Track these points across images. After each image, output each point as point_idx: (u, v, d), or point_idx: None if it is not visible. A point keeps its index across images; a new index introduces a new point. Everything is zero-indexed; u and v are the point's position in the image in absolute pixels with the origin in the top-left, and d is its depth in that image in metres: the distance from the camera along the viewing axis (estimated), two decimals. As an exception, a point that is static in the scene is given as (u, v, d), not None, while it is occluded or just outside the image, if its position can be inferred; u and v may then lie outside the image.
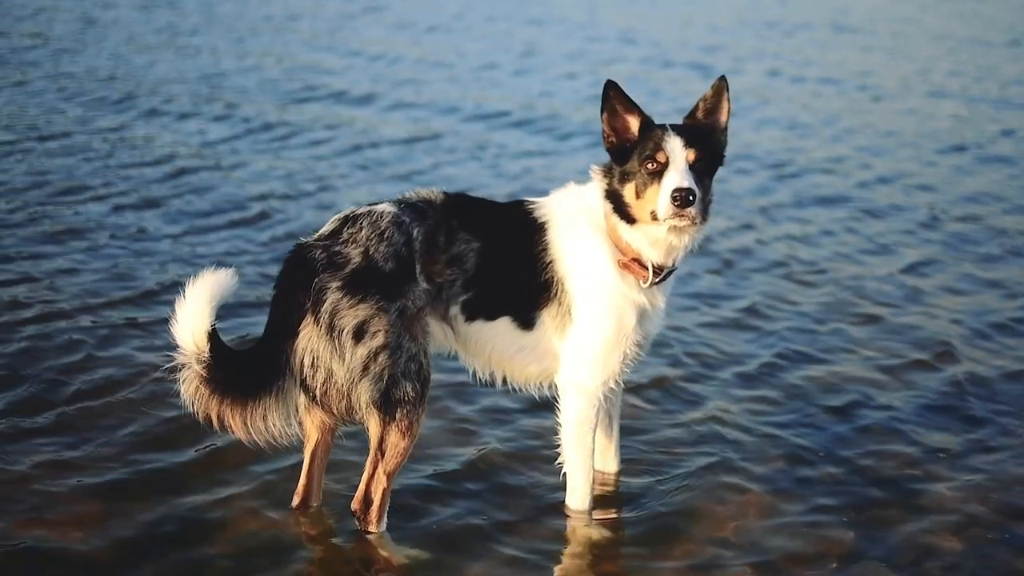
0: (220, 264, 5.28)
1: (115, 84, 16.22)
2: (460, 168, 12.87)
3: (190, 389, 5.05)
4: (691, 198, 5.06)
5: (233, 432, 5.15)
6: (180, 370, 5.05)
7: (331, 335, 5.08)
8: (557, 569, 5.38)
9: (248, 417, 5.11)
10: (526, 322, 5.43)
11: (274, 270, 6.25)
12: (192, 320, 5.00)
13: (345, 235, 5.19)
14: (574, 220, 5.39)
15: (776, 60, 21.86)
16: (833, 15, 30.55)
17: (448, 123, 15.08)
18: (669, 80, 18.83)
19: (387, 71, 19.00)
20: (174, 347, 5.07)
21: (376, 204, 5.33)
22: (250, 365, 5.16)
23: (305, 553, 5.37)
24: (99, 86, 15.94)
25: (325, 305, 5.08)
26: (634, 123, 5.31)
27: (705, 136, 5.30)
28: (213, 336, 5.04)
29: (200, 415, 5.10)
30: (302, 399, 5.24)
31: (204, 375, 5.02)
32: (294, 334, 5.13)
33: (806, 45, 24.43)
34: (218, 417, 5.10)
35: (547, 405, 5.91)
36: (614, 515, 5.81)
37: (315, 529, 5.52)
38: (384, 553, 5.30)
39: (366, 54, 20.54)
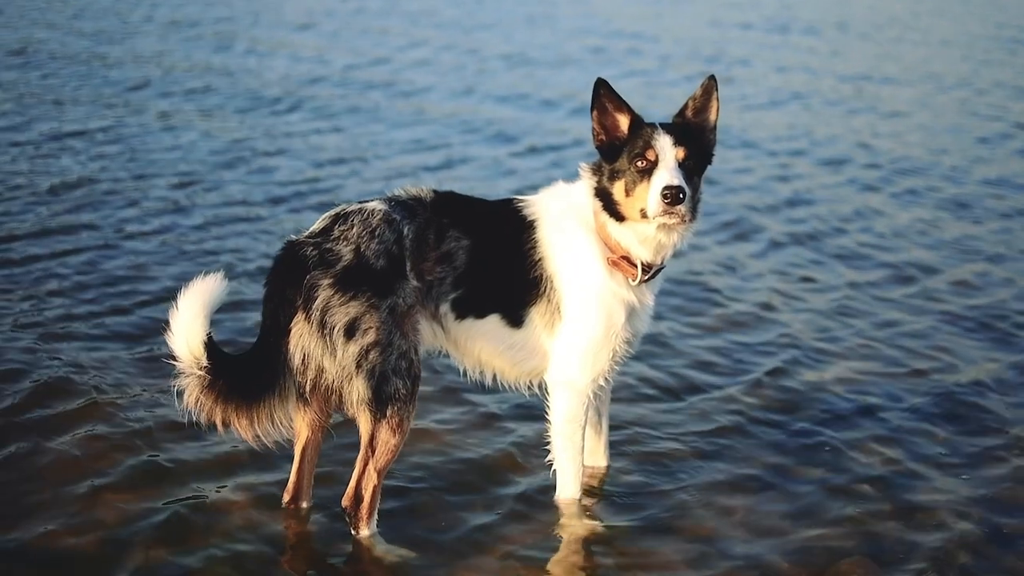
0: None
1: (191, 75, 16.57)
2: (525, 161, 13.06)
3: (191, 398, 5.05)
4: (681, 196, 5.07)
5: (240, 435, 5.18)
6: (179, 379, 5.05)
7: (322, 332, 5.09)
8: (546, 565, 5.38)
9: (255, 420, 5.13)
10: (516, 320, 5.44)
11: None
12: (187, 330, 5.00)
13: (336, 232, 5.20)
14: (563, 218, 5.40)
15: (818, 58, 21.85)
16: (868, 15, 30.50)
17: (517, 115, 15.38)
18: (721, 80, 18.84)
19: (453, 65, 19.27)
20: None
21: (367, 202, 5.34)
22: (250, 368, 5.15)
23: (295, 550, 5.38)
24: (183, 78, 16.27)
25: (316, 302, 5.08)
26: (624, 121, 5.31)
27: (695, 135, 5.31)
28: (210, 344, 5.03)
29: (204, 421, 5.11)
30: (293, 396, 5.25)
31: (204, 383, 5.02)
32: (286, 332, 5.15)
33: (851, 46, 24.37)
34: (223, 422, 5.12)
35: (534, 400, 5.91)
36: (603, 511, 5.82)
37: (305, 526, 5.53)
38: (374, 550, 5.31)
39: (414, 47, 20.79)
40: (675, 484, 6.11)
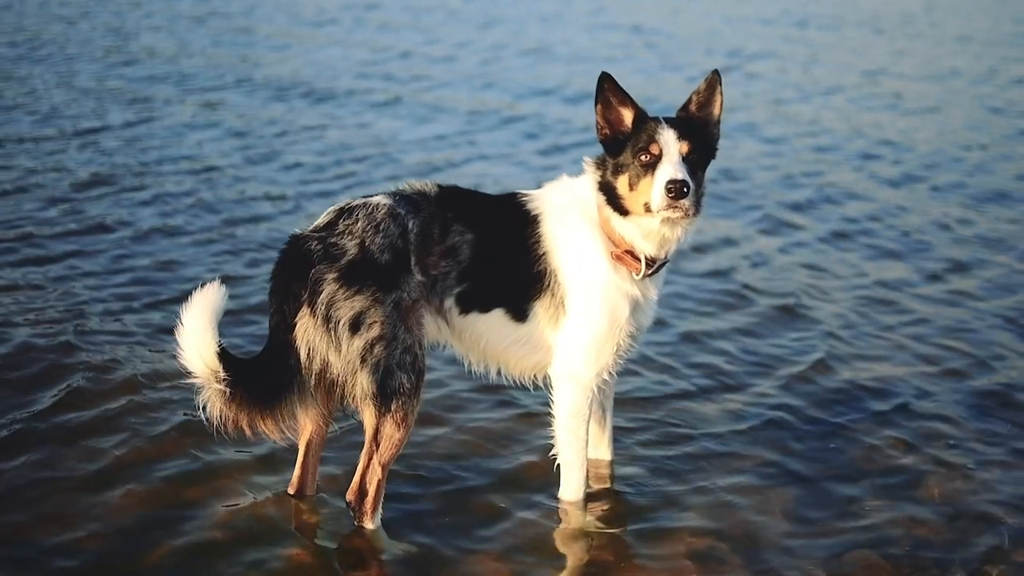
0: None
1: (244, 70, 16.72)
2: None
3: (215, 410, 5.05)
4: (685, 190, 5.06)
5: (269, 437, 5.19)
6: (201, 394, 5.05)
7: (327, 326, 5.09)
8: (550, 560, 5.37)
9: (279, 420, 5.15)
10: (520, 314, 5.44)
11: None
12: (198, 343, 4.98)
13: (341, 227, 5.20)
14: (567, 212, 5.39)
15: (839, 53, 21.75)
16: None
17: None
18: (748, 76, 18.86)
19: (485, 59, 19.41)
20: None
21: (371, 196, 5.35)
22: (267, 370, 5.16)
23: (299, 544, 5.39)
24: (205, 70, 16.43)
25: (322, 296, 5.08)
26: (628, 115, 5.30)
27: (699, 129, 5.29)
28: (223, 353, 5.03)
29: (230, 429, 5.11)
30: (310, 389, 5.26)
31: (226, 395, 5.01)
32: (292, 326, 5.16)
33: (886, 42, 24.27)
34: (250, 427, 5.13)
35: (540, 396, 5.90)
36: (608, 505, 5.81)
37: (309, 520, 5.54)
38: (378, 545, 5.32)
39: (433, 43, 20.97)
40: (689, 479, 6.09)
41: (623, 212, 5.27)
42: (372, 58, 19.15)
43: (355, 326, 5.09)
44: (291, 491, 5.62)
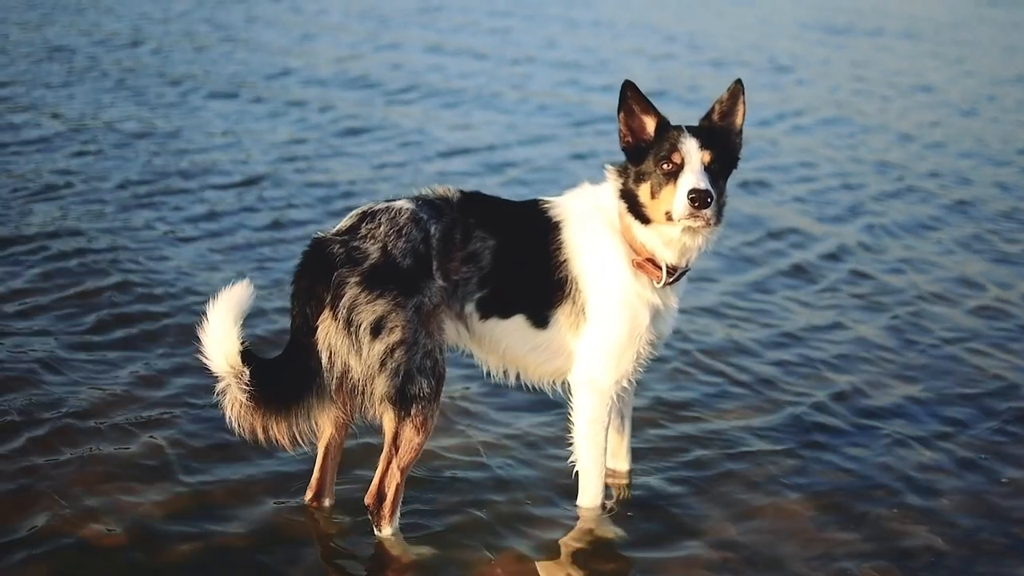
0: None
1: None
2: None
3: (234, 410, 5.07)
4: (708, 200, 5.06)
5: (278, 442, 5.19)
6: (223, 394, 5.07)
7: (349, 330, 5.11)
8: (569, 568, 5.37)
9: (293, 424, 5.17)
10: (540, 320, 5.45)
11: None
12: (223, 342, 5.01)
13: (364, 230, 5.22)
14: (588, 219, 5.41)
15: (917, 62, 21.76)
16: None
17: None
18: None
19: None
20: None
21: (394, 200, 5.38)
22: (284, 372, 5.17)
23: (317, 548, 5.41)
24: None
25: (343, 300, 5.10)
26: (650, 123, 5.32)
27: (721, 138, 5.30)
28: (247, 353, 5.05)
29: (246, 432, 5.13)
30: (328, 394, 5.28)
31: (249, 393, 5.02)
32: (313, 329, 5.18)
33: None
34: (263, 430, 5.14)
35: (558, 402, 5.90)
36: (626, 513, 5.79)
37: (327, 524, 5.56)
38: (395, 549, 5.33)
39: (512, 44, 21.28)
40: (701, 489, 6.09)
41: (644, 220, 5.29)
42: (446, 60, 19.23)
43: (376, 330, 5.11)
44: (309, 495, 5.64)
